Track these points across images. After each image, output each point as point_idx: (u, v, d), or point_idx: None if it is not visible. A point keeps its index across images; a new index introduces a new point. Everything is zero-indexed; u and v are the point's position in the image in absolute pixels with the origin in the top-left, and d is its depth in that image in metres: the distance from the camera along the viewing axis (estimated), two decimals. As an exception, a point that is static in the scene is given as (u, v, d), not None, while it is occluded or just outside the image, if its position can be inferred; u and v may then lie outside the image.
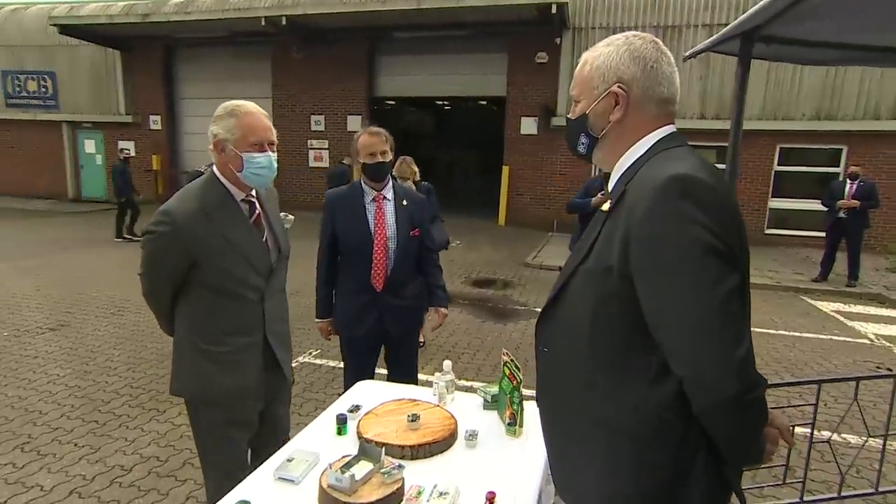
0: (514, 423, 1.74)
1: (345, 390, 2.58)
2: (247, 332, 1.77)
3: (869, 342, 5.45)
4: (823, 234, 7.81)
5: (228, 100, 1.76)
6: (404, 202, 2.49)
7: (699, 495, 0.99)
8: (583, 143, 1.13)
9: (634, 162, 1.06)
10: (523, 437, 1.73)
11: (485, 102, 15.55)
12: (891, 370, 4.62)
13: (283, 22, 11.52)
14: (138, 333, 4.87)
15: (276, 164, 1.74)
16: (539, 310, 1.22)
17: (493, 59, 12.35)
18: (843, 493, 2.45)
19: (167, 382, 1.85)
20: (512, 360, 1.80)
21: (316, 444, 1.63)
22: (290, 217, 1.98)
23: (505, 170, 12.48)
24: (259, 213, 1.81)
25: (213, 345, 1.73)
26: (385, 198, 2.47)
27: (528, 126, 12.21)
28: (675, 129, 1.07)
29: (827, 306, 6.78)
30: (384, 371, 2.65)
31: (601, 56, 1.07)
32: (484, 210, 13.25)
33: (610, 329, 1.02)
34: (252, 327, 1.79)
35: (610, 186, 1.12)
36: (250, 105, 1.72)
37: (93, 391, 3.69)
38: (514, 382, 1.74)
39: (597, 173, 3.76)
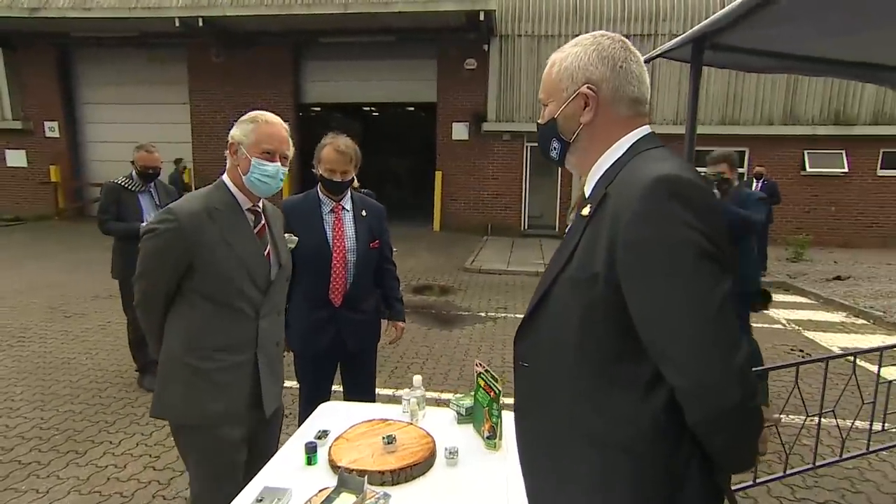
0: (493, 437, 1.68)
1: (300, 412, 2.42)
2: (238, 350, 1.66)
3: (782, 326, 5.97)
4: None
5: (139, 105, 1.69)
6: (363, 213, 2.38)
7: (694, 502, 0.97)
8: (555, 149, 1.09)
9: (612, 164, 1.02)
10: (504, 450, 1.68)
11: (413, 108, 15.54)
12: (802, 351, 5.10)
13: (200, 24, 10.86)
14: (45, 366, 4.31)
15: (283, 178, 1.70)
16: (483, 314, 1.16)
17: (423, 65, 12.38)
18: (787, 472, 2.62)
19: (85, 419, 1.65)
20: (487, 371, 1.74)
21: (285, 478, 1.48)
22: (295, 238, 1.92)
23: (438, 175, 12.51)
24: (263, 225, 1.75)
25: (202, 360, 1.62)
26: (344, 208, 2.35)
27: (460, 132, 12.34)
28: (650, 130, 1.05)
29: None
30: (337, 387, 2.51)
31: (569, 57, 1.04)
32: (417, 216, 13.20)
33: (598, 339, 0.97)
34: (244, 344, 1.68)
35: (587, 191, 1.08)
36: (274, 117, 1.73)
37: (-9, 437, 3.20)
38: (492, 394, 1.68)
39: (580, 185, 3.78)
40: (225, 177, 1.72)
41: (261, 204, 1.76)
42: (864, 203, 11.69)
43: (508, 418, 1.80)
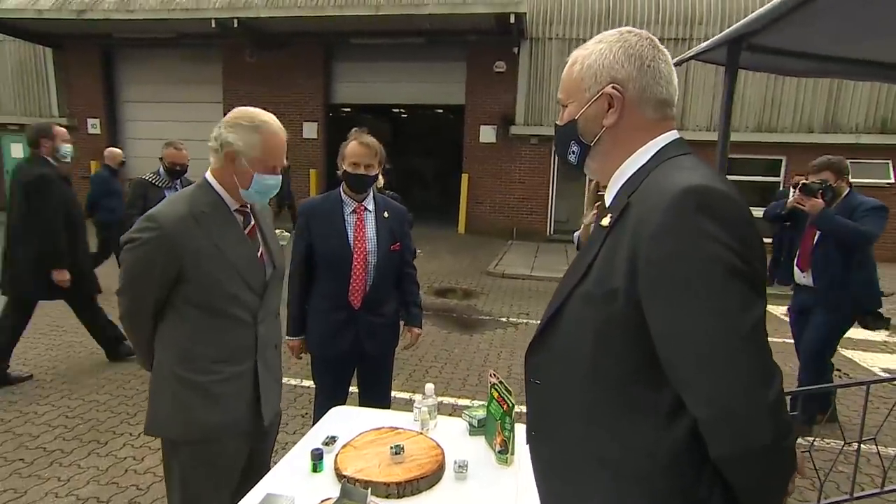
0: (505, 451, 1.62)
1: (315, 414, 2.41)
2: (237, 360, 1.59)
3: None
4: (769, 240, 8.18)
5: (175, 104, 1.61)
6: (385, 214, 2.34)
7: None
8: (573, 152, 1.02)
9: (637, 171, 0.95)
10: (515, 466, 1.62)
11: (441, 111, 15.53)
12: (840, 371, 4.84)
13: (235, 24, 11.09)
14: (74, 356, 4.44)
15: (280, 183, 1.62)
16: (505, 320, 1.10)
17: (452, 68, 12.35)
18: (821, 501, 2.47)
19: (109, 410, 1.62)
20: (501, 383, 1.68)
21: (289, 485, 1.46)
22: (286, 234, 1.83)
23: (464, 178, 12.46)
24: (254, 225, 1.66)
25: (199, 374, 1.53)
26: (366, 209, 2.31)
27: (487, 134, 12.26)
28: (678, 136, 0.97)
29: (777, 310, 7.06)
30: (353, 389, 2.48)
31: (592, 54, 0.97)
32: (443, 218, 13.17)
33: (614, 359, 0.90)
34: (243, 354, 1.60)
35: (607, 199, 1.01)
36: (275, 123, 1.59)
37: (18, 424, 3.29)
38: (505, 407, 1.62)
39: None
40: (209, 175, 1.59)
41: (248, 203, 1.67)
42: (911, 216, 11.13)
43: (521, 432, 1.74)
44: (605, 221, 0.95)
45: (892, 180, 11.07)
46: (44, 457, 2.94)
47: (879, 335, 6.05)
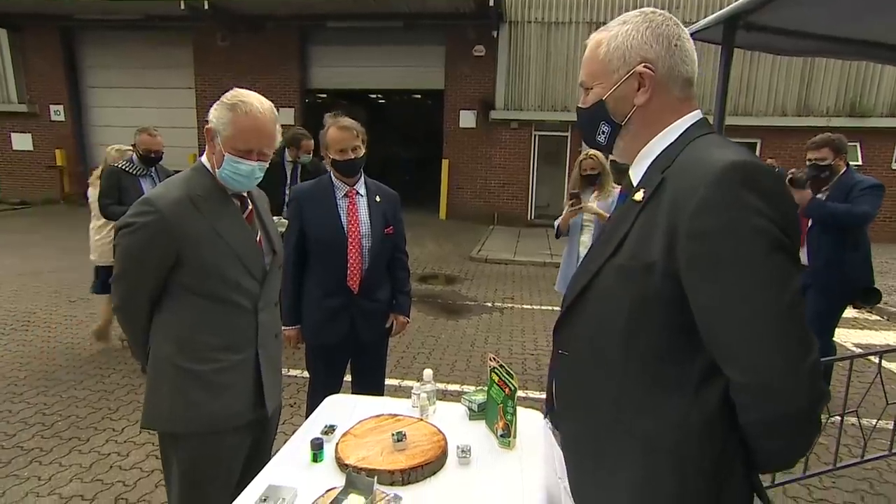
0: (507, 435, 1.61)
1: (308, 403, 2.37)
2: (238, 348, 1.54)
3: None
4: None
5: (144, 90, 1.52)
6: (377, 198, 2.30)
7: (734, 502, 0.95)
8: (603, 133, 1.03)
9: (667, 148, 0.97)
10: (518, 449, 1.61)
11: (420, 96, 15.35)
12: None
13: (205, 6, 10.70)
14: (49, 351, 4.29)
15: (259, 174, 1.52)
16: (490, 304, 1.10)
17: (431, 52, 12.19)
18: (806, 472, 2.55)
19: (89, 406, 1.56)
20: (501, 366, 1.66)
21: (290, 476, 1.42)
22: (284, 220, 1.78)
23: (444, 163, 12.38)
24: (252, 210, 1.60)
25: (199, 362, 1.48)
26: (358, 193, 2.27)
27: (467, 119, 12.18)
28: (702, 115, 1.00)
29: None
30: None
31: (619, 36, 0.97)
32: (423, 205, 13.08)
33: (648, 333, 0.92)
34: (244, 342, 1.55)
35: (635, 176, 1.03)
36: (255, 105, 1.47)
37: (-5, 422, 3.17)
38: (507, 391, 1.60)
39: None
40: (204, 159, 1.54)
41: None
42: (878, 197, 11.49)
43: (523, 416, 1.73)
44: (639, 196, 0.95)
45: (861, 162, 11.39)
46: (21, 456, 2.83)
47: (849, 312, 6.25)
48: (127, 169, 3.78)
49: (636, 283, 0.91)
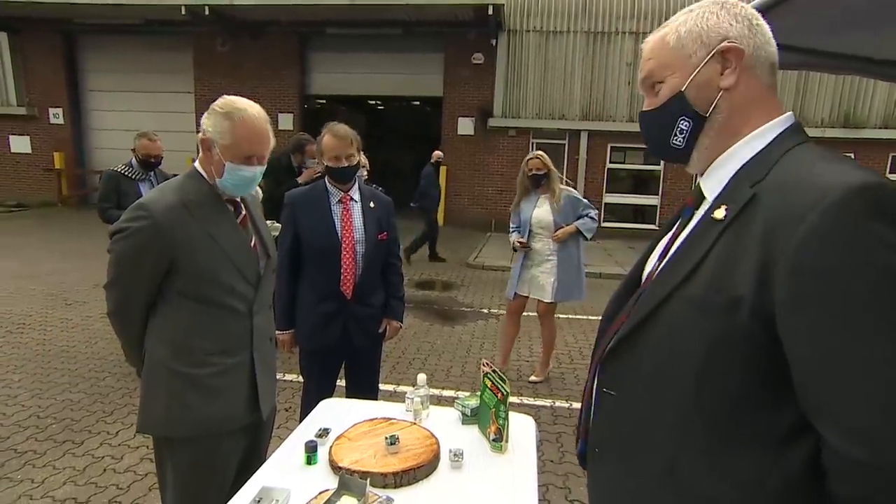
0: (499, 439, 1.63)
1: (303, 407, 2.38)
2: (233, 352, 1.55)
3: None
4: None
5: (143, 94, 1.54)
6: (371, 204, 2.33)
7: None
8: (682, 131, 0.87)
9: (757, 156, 0.82)
10: (510, 453, 1.63)
11: (418, 102, 15.44)
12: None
13: (206, 12, 10.78)
14: (44, 354, 4.28)
15: (260, 177, 1.55)
16: (486, 311, 1.04)
17: (429, 59, 12.28)
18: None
19: (83, 409, 1.56)
20: (494, 371, 1.69)
21: (283, 478, 1.43)
22: (277, 225, 1.80)
23: (442, 170, 12.39)
24: (245, 215, 1.62)
25: (195, 366, 1.49)
26: (352, 199, 2.30)
27: (465, 126, 12.26)
28: (796, 120, 0.87)
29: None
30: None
31: (689, 21, 0.86)
32: (421, 211, 13.12)
33: (726, 378, 0.77)
34: (239, 345, 1.57)
35: (711, 188, 0.87)
36: (251, 110, 1.51)
37: (-12, 425, 3.17)
38: (500, 396, 1.62)
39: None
40: (198, 165, 1.55)
41: None
42: (872, 207, 11.59)
43: (516, 421, 1.76)
44: (720, 214, 0.80)
45: (855, 173, 11.48)
46: (15, 458, 2.83)
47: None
48: (126, 173, 3.81)
49: (716, 318, 0.76)
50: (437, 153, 8.91)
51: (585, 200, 3.96)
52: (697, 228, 0.86)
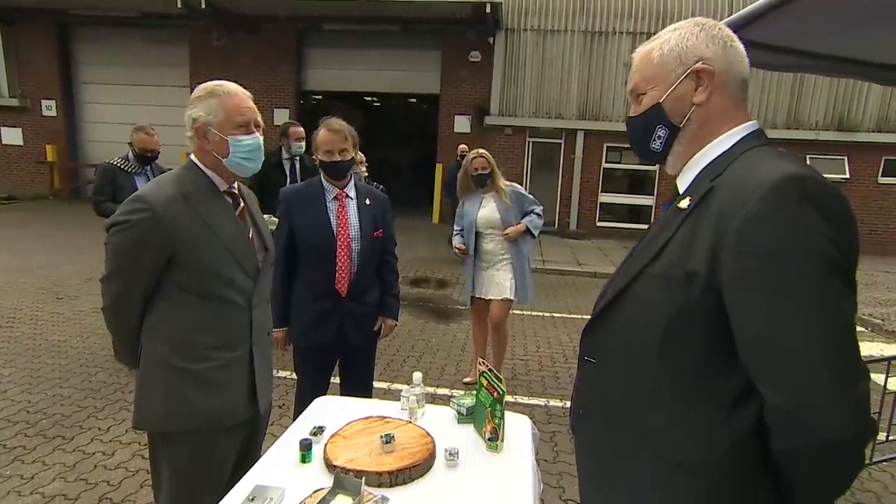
0: (495, 438, 1.62)
1: (297, 404, 2.37)
2: (233, 346, 1.54)
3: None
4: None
5: (138, 87, 1.53)
6: (367, 201, 2.31)
7: None
8: (659, 138, 1.00)
9: (720, 156, 0.94)
10: (505, 452, 1.62)
11: (415, 100, 15.41)
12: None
13: (203, 5, 10.68)
14: (34, 348, 4.24)
15: (262, 145, 1.55)
16: None
17: (427, 57, 12.24)
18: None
19: (74, 404, 1.54)
20: (490, 371, 1.68)
21: (278, 476, 1.42)
22: (274, 219, 1.79)
23: (438, 168, 12.41)
24: (244, 207, 1.61)
25: (195, 361, 1.48)
26: (347, 196, 2.28)
27: (462, 124, 12.24)
28: (759, 126, 0.98)
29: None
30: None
31: (671, 39, 0.98)
32: (417, 208, 13.11)
33: (685, 345, 0.89)
34: (238, 339, 1.55)
35: (682, 183, 1.00)
36: (232, 85, 1.54)
37: (-22, 419, 3.13)
38: (496, 395, 1.62)
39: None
40: (193, 157, 1.53)
41: (236, 185, 1.61)
42: (865, 210, 11.65)
43: (511, 420, 1.75)
44: (684, 204, 0.93)
45: (848, 175, 11.58)
46: (4, 454, 2.80)
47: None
48: (122, 166, 3.77)
49: (675, 292, 0.87)
50: (463, 146, 8.80)
51: (531, 196, 3.85)
52: (666, 217, 0.98)
